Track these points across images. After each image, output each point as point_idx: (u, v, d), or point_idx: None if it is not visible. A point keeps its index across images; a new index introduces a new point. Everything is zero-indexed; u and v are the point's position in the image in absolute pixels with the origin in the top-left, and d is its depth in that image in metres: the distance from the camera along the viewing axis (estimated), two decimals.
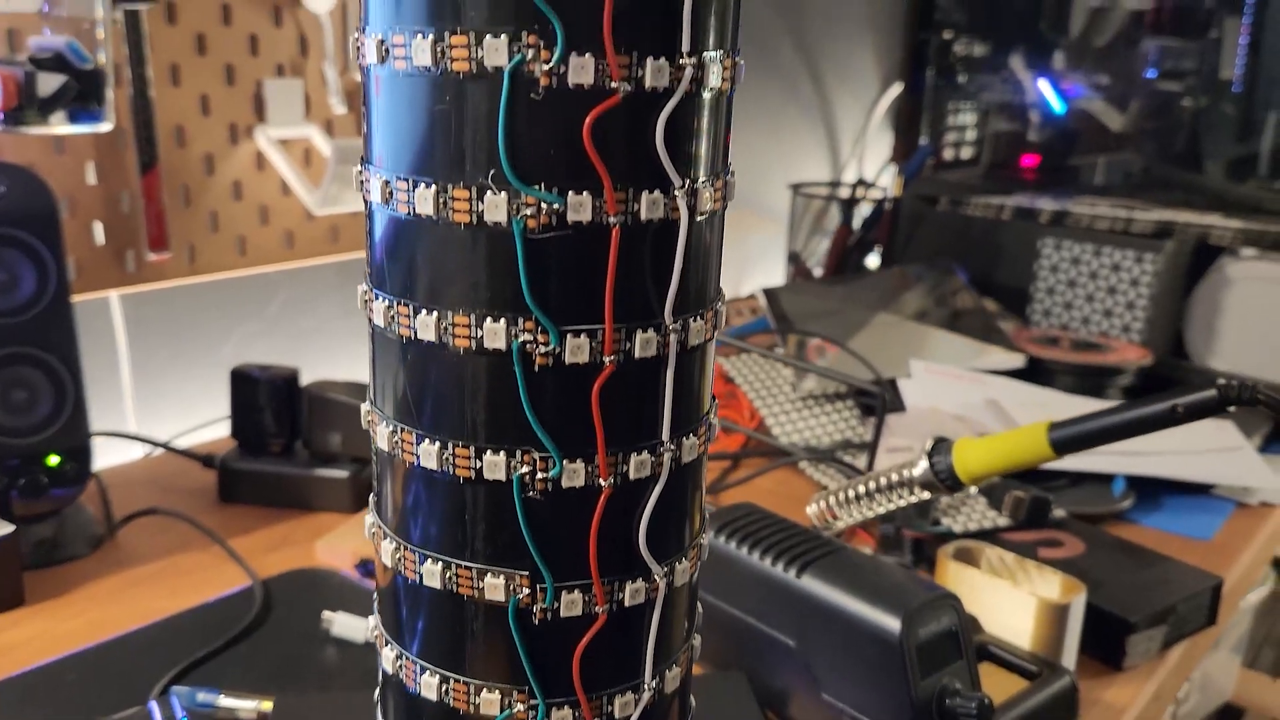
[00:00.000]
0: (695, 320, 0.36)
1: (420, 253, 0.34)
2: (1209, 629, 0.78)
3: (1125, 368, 1.18)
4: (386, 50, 0.33)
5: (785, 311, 1.24)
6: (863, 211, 1.53)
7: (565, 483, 0.35)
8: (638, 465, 0.35)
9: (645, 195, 0.33)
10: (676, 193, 0.33)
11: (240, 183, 1.07)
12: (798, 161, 1.82)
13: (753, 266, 1.74)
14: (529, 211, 0.32)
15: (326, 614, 0.72)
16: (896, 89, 1.87)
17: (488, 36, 0.31)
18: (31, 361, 0.81)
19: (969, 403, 1.07)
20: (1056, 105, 1.62)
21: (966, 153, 1.83)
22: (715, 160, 0.35)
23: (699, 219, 0.35)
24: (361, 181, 0.36)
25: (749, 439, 1.06)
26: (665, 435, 0.36)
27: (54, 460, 0.81)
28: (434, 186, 0.33)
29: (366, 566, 0.80)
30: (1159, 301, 1.28)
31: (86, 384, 0.83)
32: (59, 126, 0.81)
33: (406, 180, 0.33)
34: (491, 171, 0.32)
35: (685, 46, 0.32)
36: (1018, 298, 1.39)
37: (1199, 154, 1.67)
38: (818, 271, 1.55)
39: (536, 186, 0.32)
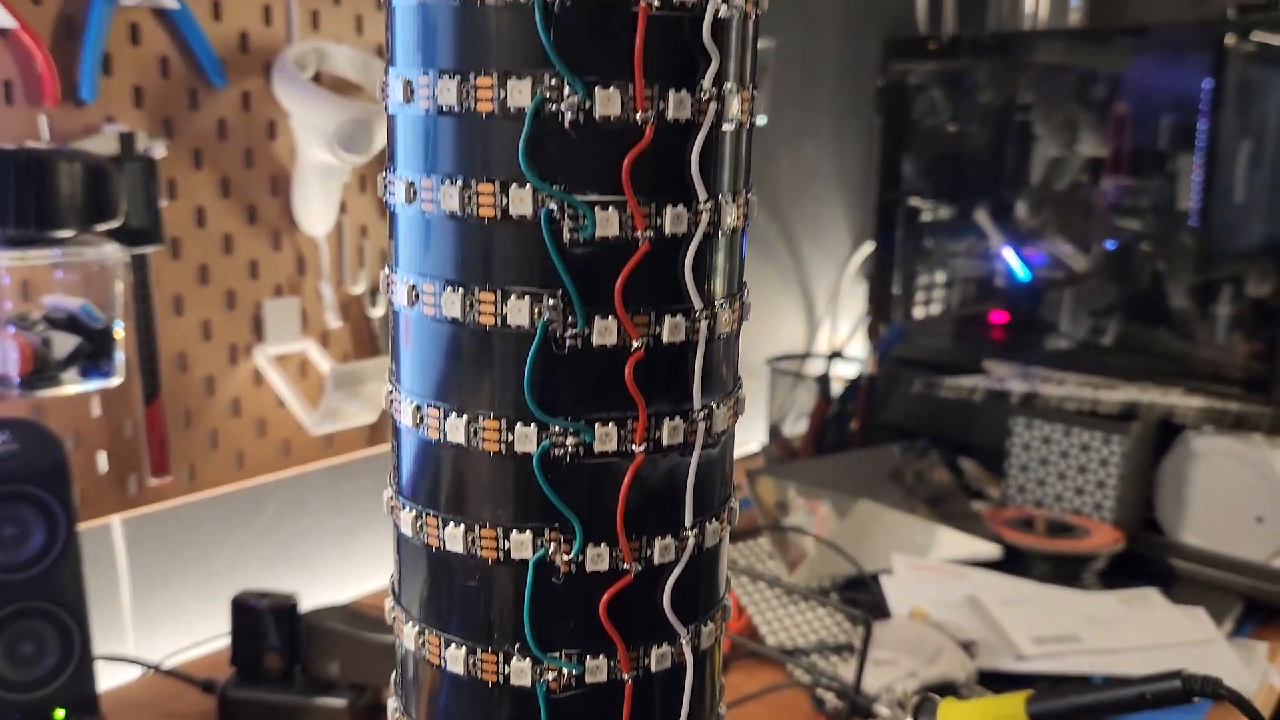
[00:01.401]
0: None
1: (448, 470, 0.37)
2: None
3: (1098, 554, 1.21)
4: (416, 295, 0.36)
5: (768, 500, 1.27)
6: (842, 375, 1.58)
7: (589, 678, 0.37)
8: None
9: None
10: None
11: (239, 399, 1.10)
12: (773, 320, 1.87)
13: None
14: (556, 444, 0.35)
15: None
16: (868, 247, 1.94)
17: (513, 297, 0.33)
18: (40, 614, 0.83)
19: (950, 601, 1.10)
20: (1021, 272, 1.68)
21: (936, 309, 1.89)
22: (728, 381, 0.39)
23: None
24: (391, 401, 0.39)
25: (733, 645, 1.09)
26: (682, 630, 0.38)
27: (60, 714, 0.82)
28: (465, 416, 0.35)
29: None
30: (1128, 480, 1.32)
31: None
32: (70, 385, 0.85)
33: (438, 408, 0.36)
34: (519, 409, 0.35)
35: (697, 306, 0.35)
36: (993, 467, 1.43)
37: (1162, 291, 1.72)
38: (799, 436, 1.59)
39: (564, 418, 0.35)
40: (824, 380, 1.54)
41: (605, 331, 0.33)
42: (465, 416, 0.35)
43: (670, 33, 0.32)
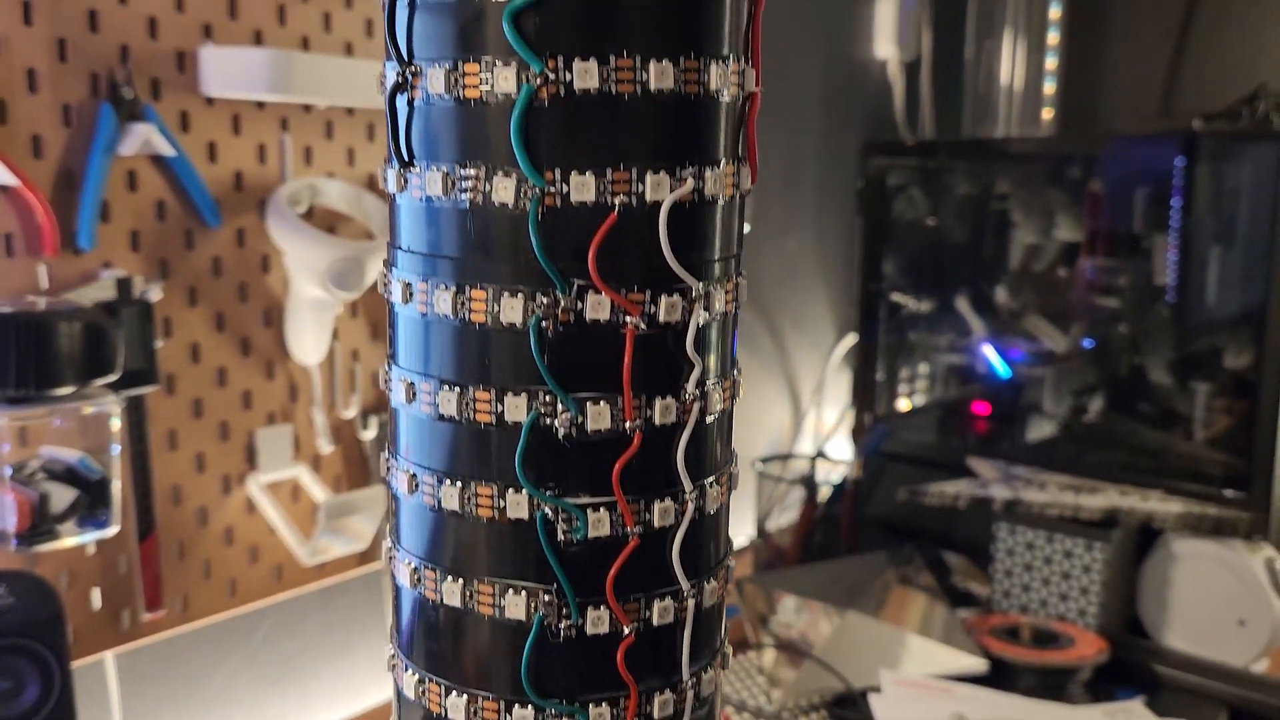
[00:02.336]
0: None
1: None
2: None
3: (1083, 665, 1.23)
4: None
5: (756, 608, 1.28)
6: (829, 477, 1.60)
7: None
8: None
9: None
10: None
11: (232, 528, 1.11)
12: (760, 411, 1.89)
13: None
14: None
15: None
16: (851, 339, 1.97)
17: (509, 591, 0.35)
18: None
19: None
20: (1001, 369, 1.71)
21: (920, 399, 1.92)
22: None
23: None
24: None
25: None
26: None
27: None
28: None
29: None
30: (1111, 586, 1.34)
31: None
32: (68, 538, 0.86)
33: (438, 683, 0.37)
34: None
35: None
36: (980, 564, 1.45)
37: (1141, 369, 1.75)
38: (786, 528, 1.61)
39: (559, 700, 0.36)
40: (810, 482, 1.56)
41: (598, 621, 0.35)
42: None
43: (655, 347, 0.34)
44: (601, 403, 0.34)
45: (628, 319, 0.33)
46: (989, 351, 1.70)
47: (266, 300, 1.12)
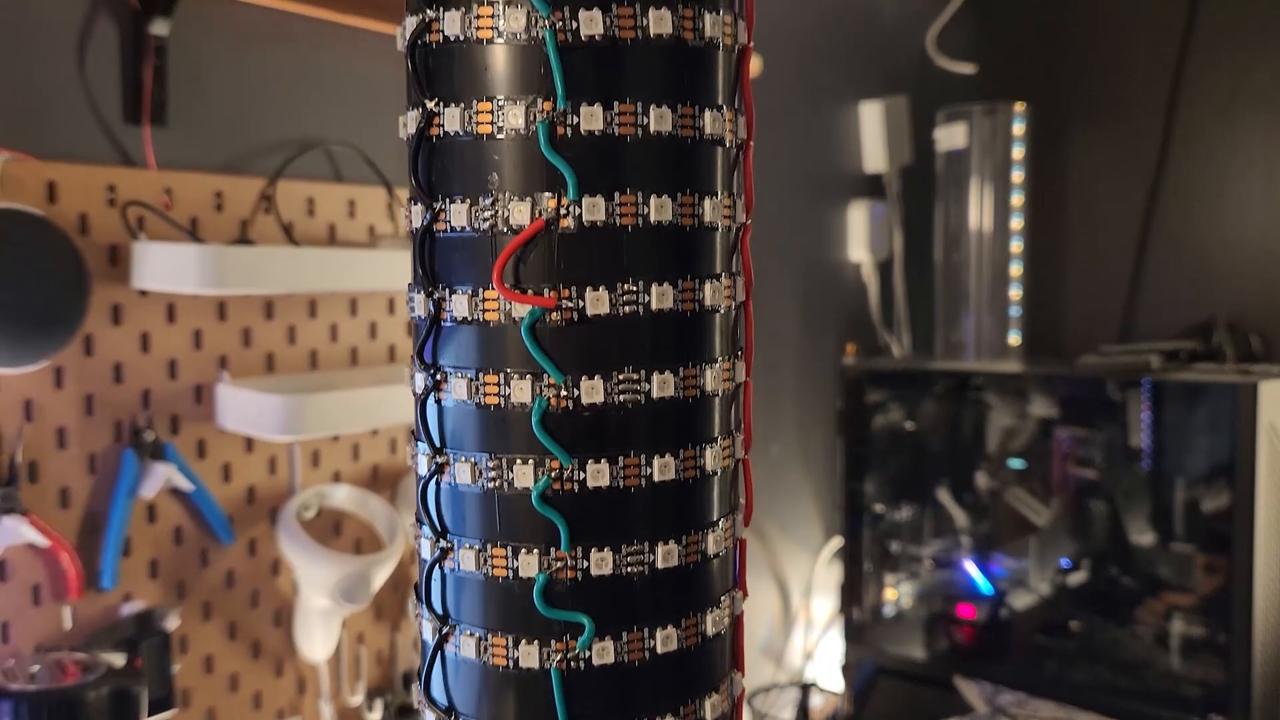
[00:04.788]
0: None
1: None
2: None
3: None
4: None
5: None
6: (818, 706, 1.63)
7: None
8: None
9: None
10: None
11: None
12: (751, 615, 1.93)
13: None
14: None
15: None
16: (836, 542, 2.02)
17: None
18: None
19: None
20: (984, 585, 1.76)
21: (908, 602, 1.96)
22: None
23: None
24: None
25: None
26: None
27: None
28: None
29: None
30: None
31: None
32: None
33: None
34: None
35: None
36: None
37: (1123, 542, 1.79)
38: None
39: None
40: (802, 713, 1.60)
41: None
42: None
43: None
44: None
45: None
46: (971, 568, 1.76)
47: (276, 602, 1.17)
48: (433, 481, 0.40)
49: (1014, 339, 1.86)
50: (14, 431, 0.96)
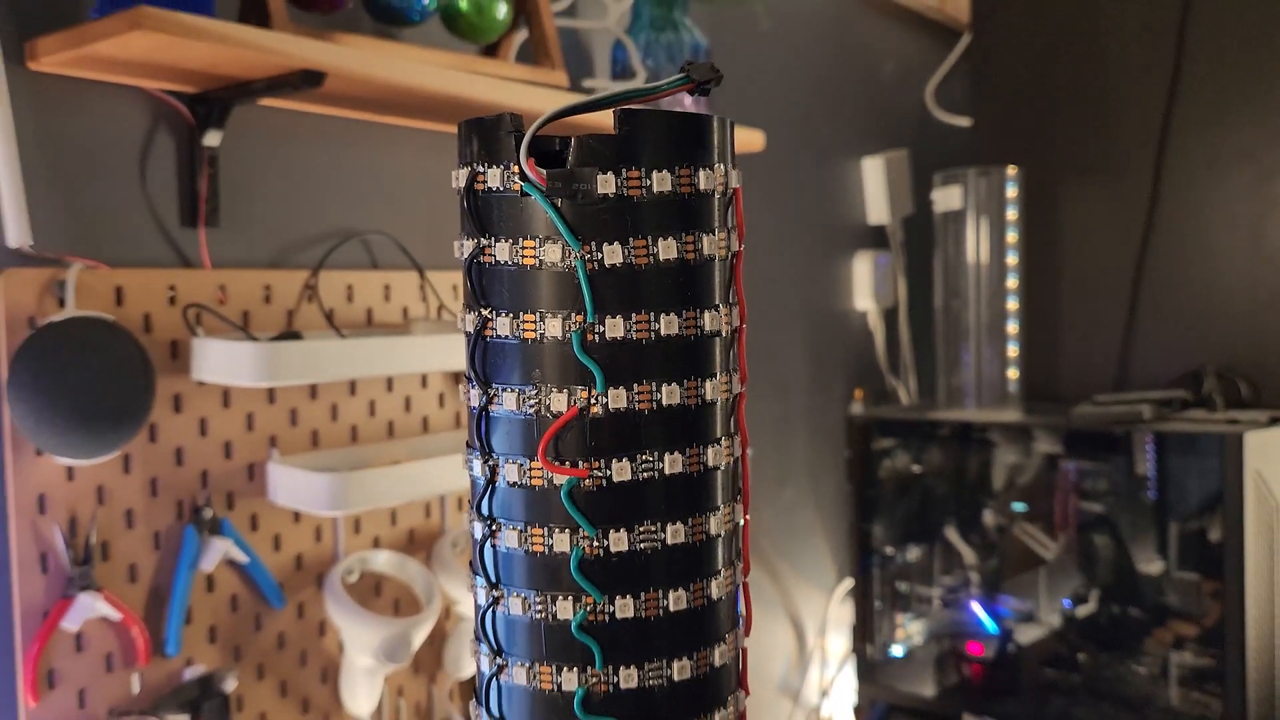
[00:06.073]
0: None
1: None
2: None
3: None
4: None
5: None
6: None
7: None
8: None
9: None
10: None
11: None
12: (767, 652, 2.01)
13: None
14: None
15: None
16: (848, 583, 2.10)
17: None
18: None
19: None
20: (990, 625, 1.84)
21: (918, 640, 2.04)
22: None
23: None
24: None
25: None
26: None
27: None
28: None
29: None
30: None
31: None
32: None
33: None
34: None
35: None
36: None
37: (1130, 572, 1.86)
38: None
39: None
40: None
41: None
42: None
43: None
44: None
45: None
46: (977, 609, 1.83)
47: (323, 661, 1.26)
48: (489, 611, 0.49)
49: (1013, 385, 1.94)
50: (88, 516, 1.05)
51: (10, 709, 1.01)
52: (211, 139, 1.15)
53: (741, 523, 0.51)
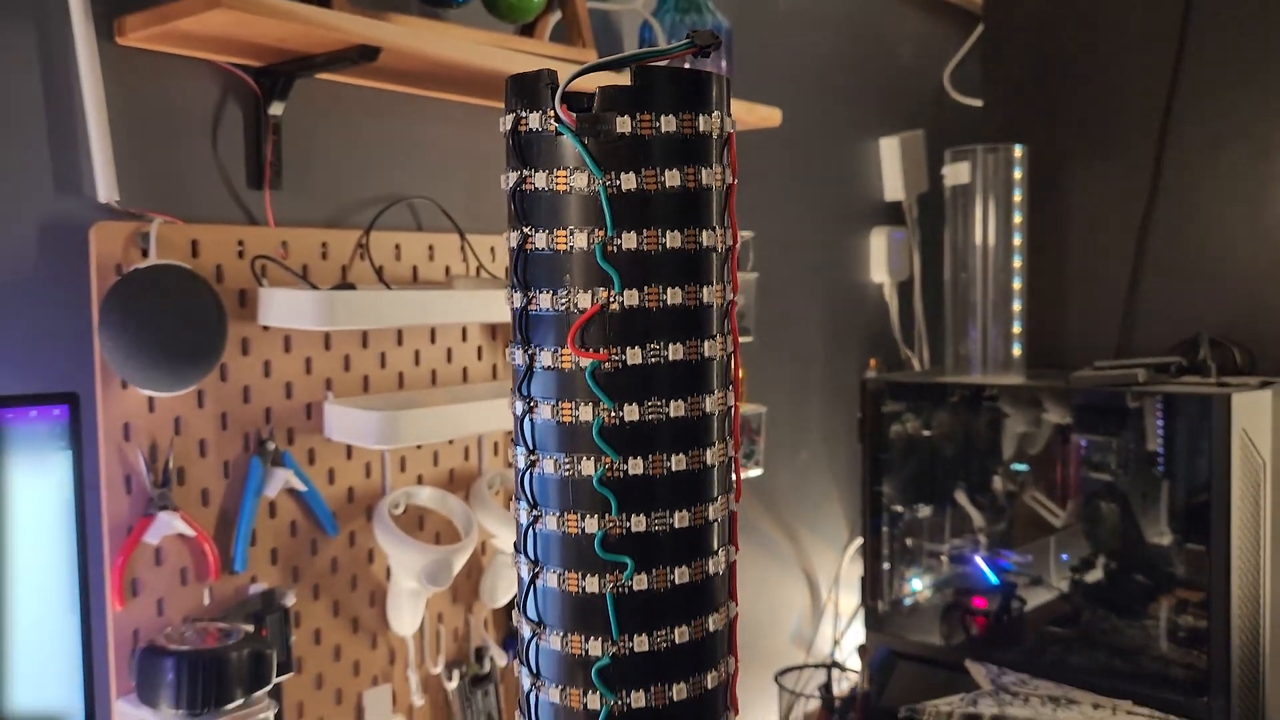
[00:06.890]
0: None
1: None
2: None
3: None
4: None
5: None
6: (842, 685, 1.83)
7: None
8: None
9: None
10: None
11: None
12: (783, 606, 2.13)
13: None
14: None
15: None
16: (859, 541, 2.21)
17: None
18: None
19: None
20: (991, 577, 1.94)
21: (925, 595, 2.15)
22: None
23: None
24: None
25: None
26: None
27: None
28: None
29: None
30: None
31: None
32: None
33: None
34: None
35: None
36: None
37: (1138, 541, 1.95)
38: None
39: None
40: (826, 690, 1.79)
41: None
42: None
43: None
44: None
45: None
46: (980, 561, 1.94)
47: (372, 585, 1.38)
48: (527, 472, 0.60)
49: (1017, 354, 2.04)
50: (166, 443, 1.18)
51: (100, 612, 1.14)
52: (275, 109, 1.27)
53: (731, 406, 0.62)
